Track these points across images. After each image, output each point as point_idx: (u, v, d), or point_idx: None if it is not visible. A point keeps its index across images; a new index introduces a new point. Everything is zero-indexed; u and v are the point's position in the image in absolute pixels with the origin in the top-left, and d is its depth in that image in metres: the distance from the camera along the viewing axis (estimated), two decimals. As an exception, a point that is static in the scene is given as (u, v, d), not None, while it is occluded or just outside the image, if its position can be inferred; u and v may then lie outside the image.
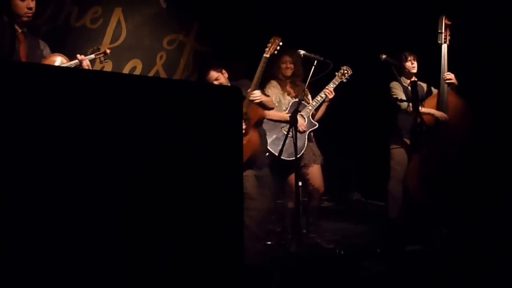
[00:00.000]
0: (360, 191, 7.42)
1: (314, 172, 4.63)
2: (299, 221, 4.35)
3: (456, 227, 4.60)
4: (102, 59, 3.85)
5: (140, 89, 2.13)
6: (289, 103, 4.63)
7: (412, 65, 4.80)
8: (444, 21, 4.66)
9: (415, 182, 4.54)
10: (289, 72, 4.68)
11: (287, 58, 4.71)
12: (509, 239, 4.22)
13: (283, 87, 4.70)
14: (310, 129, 4.60)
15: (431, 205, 4.46)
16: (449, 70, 4.61)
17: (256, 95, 4.07)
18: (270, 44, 4.31)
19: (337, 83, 4.61)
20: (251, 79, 4.22)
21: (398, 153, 4.74)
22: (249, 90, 4.10)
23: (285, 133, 4.40)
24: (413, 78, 4.79)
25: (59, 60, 3.50)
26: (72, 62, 3.50)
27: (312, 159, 4.63)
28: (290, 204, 4.59)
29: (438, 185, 4.41)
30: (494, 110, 5.25)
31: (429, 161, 4.48)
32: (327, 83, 4.58)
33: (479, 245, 4.26)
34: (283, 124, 4.54)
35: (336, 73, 4.64)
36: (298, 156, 4.42)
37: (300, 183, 4.33)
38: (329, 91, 4.55)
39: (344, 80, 4.65)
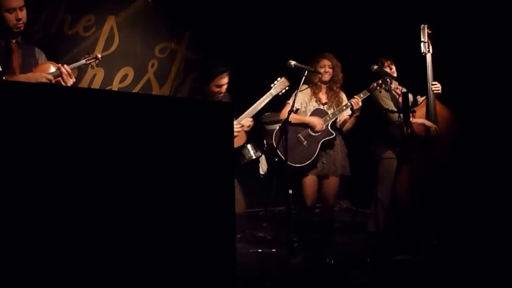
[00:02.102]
0: (349, 199, 7.45)
1: (329, 183, 4.60)
2: (289, 229, 4.35)
3: (446, 237, 4.64)
4: (94, 64, 3.83)
5: (135, 106, 2.16)
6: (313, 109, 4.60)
7: (391, 70, 4.83)
8: (426, 30, 4.68)
9: (405, 192, 4.56)
10: (327, 77, 4.59)
11: (326, 62, 4.63)
12: (499, 248, 4.26)
13: (315, 93, 4.63)
14: (325, 138, 4.54)
15: (421, 215, 4.48)
16: (434, 79, 4.65)
17: (239, 126, 4.21)
18: (278, 83, 4.32)
19: (363, 96, 4.54)
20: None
21: (388, 162, 4.76)
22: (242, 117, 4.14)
23: (302, 139, 4.37)
24: (397, 85, 4.85)
25: (52, 69, 3.48)
26: (52, 71, 3.45)
27: (332, 170, 4.59)
28: None
29: (428, 195, 4.43)
30: (478, 118, 5.33)
31: (419, 171, 4.51)
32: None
33: (469, 255, 4.30)
34: (300, 129, 4.52)
35: (374, 83, 4.57)
36: (306, 163, 4.42)
37: (290, 191, 4.36)
38: (355, 101, 4.48)
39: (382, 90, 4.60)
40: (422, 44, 4.65)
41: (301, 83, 4.10)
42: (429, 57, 4.62)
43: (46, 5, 5.40)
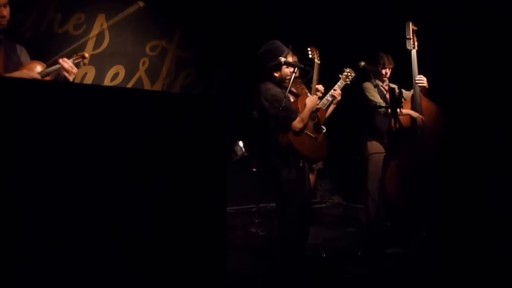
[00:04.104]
0: (341, 194, 7.50)
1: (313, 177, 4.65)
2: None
3: (436, 229, 4.68)
4: (81, 64, 3.80)
5: (126, 100, 2.17)
6: None
7: (389, 71, 4.88)
8: (411, 27, 4.71)
9: (394, 186, 4.57)
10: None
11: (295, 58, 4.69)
12: (489, 239, 4.31)
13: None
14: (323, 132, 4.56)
15: (410, 208, 4.52)
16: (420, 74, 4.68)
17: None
18: (311, 52, 4.29)
19: (342, 85, 4.55)
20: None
21: (377, 156, 4.78)
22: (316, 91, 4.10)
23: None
24: (387, 82, 4.89)
25: (38, 68, 3.45)
26: (54, 68, 3.43)
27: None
28: None
29: (417, 188, 4.47)
30: (464, 112, 5.38)
31: (407, 164, 4.53)
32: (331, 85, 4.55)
33: (459, 247, 4.35)
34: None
35: (340, 76, 4.55)
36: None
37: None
38: (337, 93, 4.46)
39: (348, 82, 4.60)
40: (407, 40, 4.68)
41: (291, 80, 4.07)
42: (414, 54, 4.65)
43: (35, 3, 5.38)
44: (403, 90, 4.86)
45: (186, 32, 6.39)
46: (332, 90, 4.49)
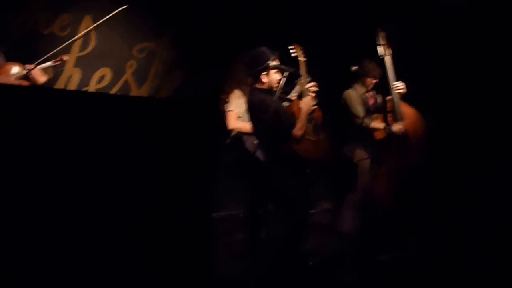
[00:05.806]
0: (330, 200, 7.46)
1: None
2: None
3: (428, 234, 4.66)
4: (59, 67, 3.80)
5: (119, 107, 2.14)
6: None
7: (374, 81, 4.88)
8: (382, 33, 4.66)
9: (384, 193, 4.57)
10: None
11: None
12: (481, 243, 4.29)
13: None
14: None
15: (402, 213, 4.50)
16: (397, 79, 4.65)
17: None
18: (295, 50, 4.19)
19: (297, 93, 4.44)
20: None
21: (363, 163, 4.79)
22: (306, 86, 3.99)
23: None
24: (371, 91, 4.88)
25: (16, 69, 3.42)
26: (16, 72, 3.39)
27: None
28: None
29: (409, 193, 4.45)
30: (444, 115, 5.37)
31: (396, 170, 4.52)
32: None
33: (451, 251, 4.32)
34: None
35: (296, 82, 4.35)
36: None
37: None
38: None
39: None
40: (378, 47, 4.61)
41: (280, 85, 3.96)
42: (388, 60, 4.57)
43: (21, 3, 5.30)
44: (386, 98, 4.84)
45: (175, 35, 6.32)
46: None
